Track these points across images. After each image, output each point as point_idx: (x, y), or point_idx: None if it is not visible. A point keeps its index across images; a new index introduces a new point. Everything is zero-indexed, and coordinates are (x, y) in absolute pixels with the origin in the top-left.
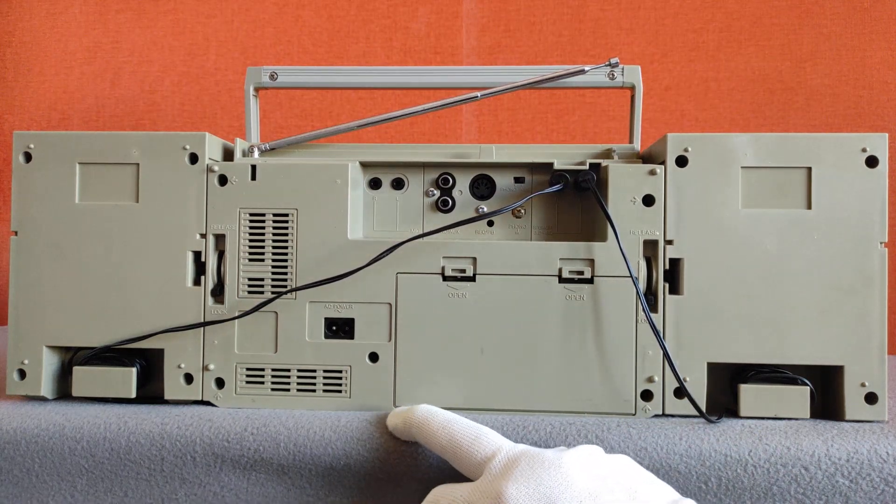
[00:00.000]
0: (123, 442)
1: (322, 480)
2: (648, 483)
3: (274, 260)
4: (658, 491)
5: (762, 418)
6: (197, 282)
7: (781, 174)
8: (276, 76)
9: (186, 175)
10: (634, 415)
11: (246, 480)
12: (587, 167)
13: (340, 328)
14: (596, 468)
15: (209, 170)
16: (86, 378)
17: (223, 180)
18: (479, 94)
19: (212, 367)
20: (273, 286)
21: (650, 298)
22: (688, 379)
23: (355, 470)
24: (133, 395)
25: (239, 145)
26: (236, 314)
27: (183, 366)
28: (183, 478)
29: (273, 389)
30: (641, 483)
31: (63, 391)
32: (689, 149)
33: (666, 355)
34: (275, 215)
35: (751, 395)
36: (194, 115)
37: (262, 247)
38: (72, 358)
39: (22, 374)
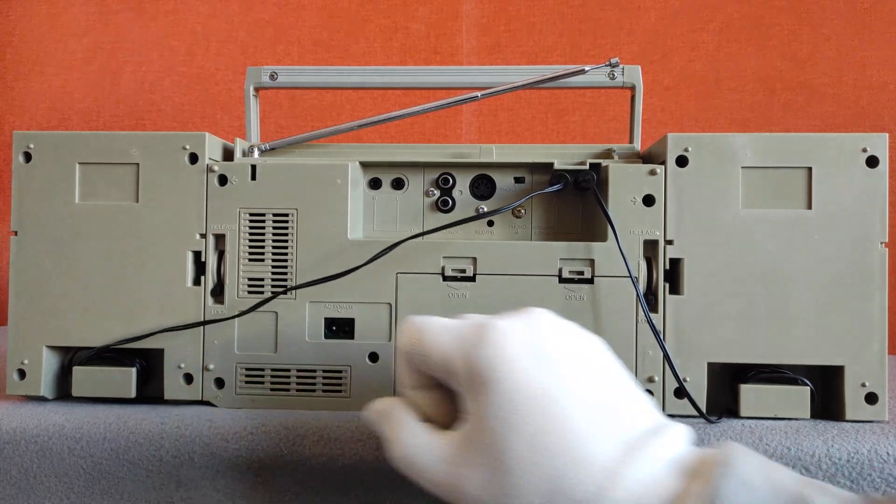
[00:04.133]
0: (123, 442)
1: (321, 481)
2: (621, 367)
3: (274, 260)
4: (632, 380)
5: (762, 418)
6: (197, 282)
7: (781, 174)
8: (276, 76)
9: (186, 175)
10: None
11: (243, 482)
12: (587, 167)
13: (340, 328)
14: (582, 337)
15: (209, 170)
16: (86, 378)
17: (223, 180)
18: (479, 94)
19: (212, 367)
20: (273, 286)
21: (650, 298)
22: (688, 379)
23: (354, 471)
24: (133, 395)
25: (239, 145)
26: (236, 313)
27: (183, 366)
28: (180, 479)
29: (273, 389)
30: (618, 369)
31: (63, 391)
32: (689, 149)
33: (666, 355)
34: (275, 215)
35: (751, 395)
36: (194, 115)
37: (262, 247)
38: (72, 358)
39: (22, 374)
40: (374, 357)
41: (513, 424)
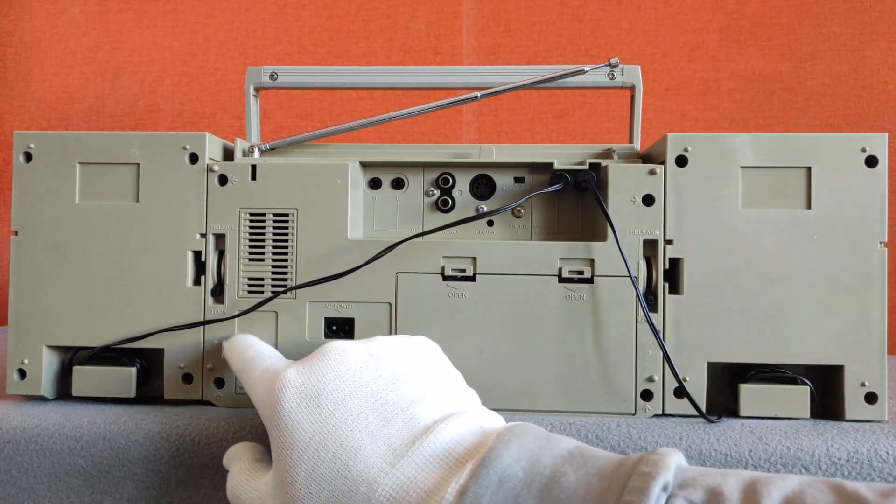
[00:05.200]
0: (122, 442)
1: None
2: (421, 369)
3: (274, 260)
4: (424, 381)
5: (762, 418)
6: (197, 282)
7: (781, 174)
8: (276, 76)
9: (186, 175)
10: (634, 414)
11: None
12: (587, 167)
13: (340, 328)
14: (377, 348)
15: (209, 170)
16: (86, 378)
17: (223, 180)
18: (479, 94)
19: (212, 366)
20: (273, 286)
21: (650, 298)
22: (688, 379)
23: None
24: (133, 394)
25: (239, 145)
26: (236, 313)
27: (183, 365)
28: (180, 479)
29: None
30: (414, 368)
31: (63, 391)
32: (689, 149)
33: (666, 355)
34: (275, 215)
35: (751, 394)
36: (194, 115)
37: (262, 247)
38: (72, 358)
39: (22, 373)
40: None
41: (295, 460)
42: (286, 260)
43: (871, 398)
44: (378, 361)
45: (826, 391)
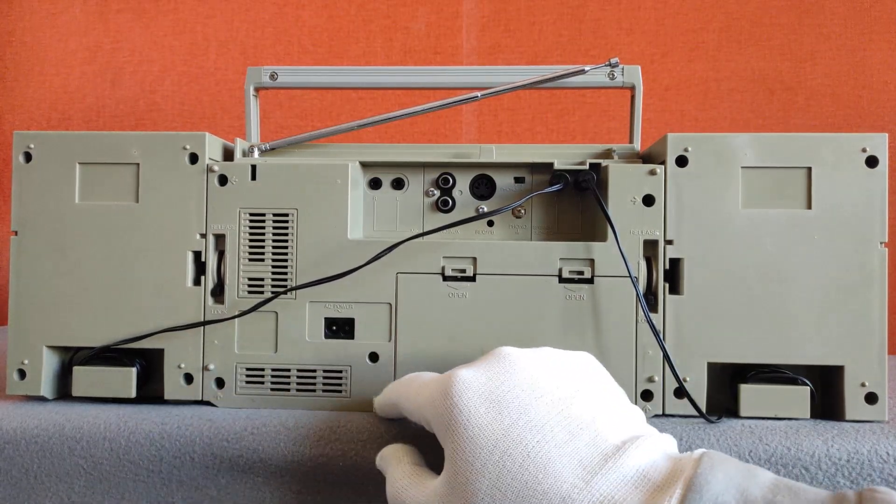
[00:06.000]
0: (123, 442)
1: (321, 481)
2: (595, 385)
3: (274, 260)
4: (601, 397)
5: (762, 418)
6: (197, 282)
7: (781, 174)
8: (276, 76)
9: (186, 175)
10: None
11: (244, 483)
12: (587, 167)
13: (340, 328)
14: (551, 360)
15: (209, 170)
16: (86, 378)
17: (223, 180)
18: (479, 94)
19: (212, 367)
20: (273, 286)
21: (650, 298)
22: (688, 379)
23: (355, 470)
24: (133, 395)
25: (239, 145)
26: (236, 313)
27: (183, 366)
28: (181, 480)
29: (273, 389)
30: (589, 383)
31: (63, 391)
32: (689, 149)
33: (666, 355)
34: (275, 215)
35: (751, 395)
36: (194, 115)
37: (262, 247)
38: (72, 358)
39: (22, 374)
40: (374, 357)
41: (478, 468)
42: (286, 260)
43: (871, 398)
44: (554, 373)
45: (826, 391)
